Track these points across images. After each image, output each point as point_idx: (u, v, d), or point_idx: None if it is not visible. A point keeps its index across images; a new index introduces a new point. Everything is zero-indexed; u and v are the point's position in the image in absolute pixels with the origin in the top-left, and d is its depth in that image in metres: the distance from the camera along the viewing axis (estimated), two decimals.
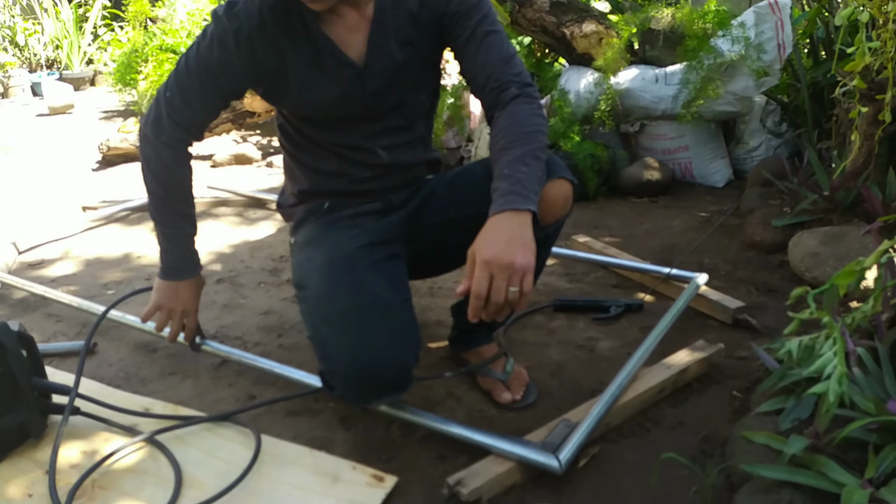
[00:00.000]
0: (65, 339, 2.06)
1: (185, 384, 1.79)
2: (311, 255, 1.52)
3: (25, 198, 3.77)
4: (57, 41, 8.41)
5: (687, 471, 1.36)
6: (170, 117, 1.48)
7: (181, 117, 1.48)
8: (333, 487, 1.37)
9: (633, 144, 3.49)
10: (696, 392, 1.67)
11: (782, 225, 2.47)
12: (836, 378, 1.10)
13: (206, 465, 1.44)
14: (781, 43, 3.12)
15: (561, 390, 1.70)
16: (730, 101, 3.18)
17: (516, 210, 1.24)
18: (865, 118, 2.23)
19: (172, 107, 1.47)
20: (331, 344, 1.38)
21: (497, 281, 1.19)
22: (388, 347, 1.35)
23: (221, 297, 2.32)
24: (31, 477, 1.43)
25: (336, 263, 1.46)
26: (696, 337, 1.81)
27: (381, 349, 1.35)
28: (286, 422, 1.61)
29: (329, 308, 1.41)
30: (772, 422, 1.35)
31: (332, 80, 1.47)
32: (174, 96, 1.47)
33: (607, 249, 2.47)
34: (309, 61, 1.45)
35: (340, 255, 1.48)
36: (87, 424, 1.57)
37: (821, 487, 1.14)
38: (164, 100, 1.48)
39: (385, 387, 1.39)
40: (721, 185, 3.31)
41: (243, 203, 3.41)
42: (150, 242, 2.92)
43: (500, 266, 1.19)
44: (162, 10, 5.70)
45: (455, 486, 1.30)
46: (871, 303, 1.21)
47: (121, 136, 4.39)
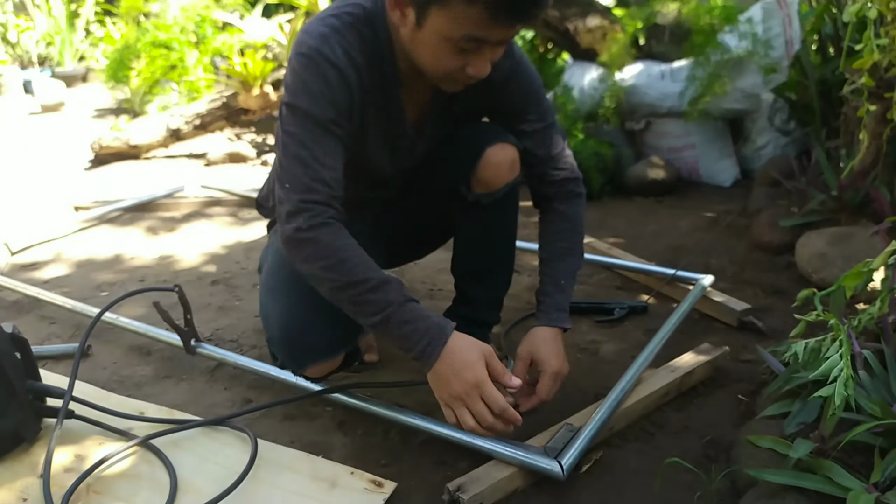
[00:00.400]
0: (59, 342, 2.05)
1: (180, 388, 1.78)
2: (273, 240, 1.58)
3: (17, 198, 3.75)
4: (49, 38, 8.38)
5: (691, 476, 1.33)
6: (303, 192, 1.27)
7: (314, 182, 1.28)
8: (331, 493, 1.35)
9: (639, 142, 3.47)
10: (701, 396, 1.65)
11: (790, 225, 2.44)
12: (842, 381, 1.09)
13: (202, 470, 1.43)
14: (789, 39, 3.09)
15: (563, 394, 1.67)
16: (737, 98, 3.15)
17: (564, 329, 1.52)
18: (874, 116, 2.20)
19: (299, 180, 1.27)
20: (269, 311, 1.46)
21: (555, 387, 1.47)
22: (322, 308, 1.38)
23: (216, 299, 2.31)
24: (24, 481, 1.41)
25: None
26: (701, 340, 1.78)
27: (313, 309, 1.39)
28: (283, 426, 1.59)
29: (274, 280, 1.48)
30: (777, 426, 1.33)
31: (387, 143, 1.45)
32: (295, 166, 1.28)
33: (612, 250, 2.45)
34: (377, 120, 1.40)
35: None
36: (81, 428, 1.55)
37: (826, 492, 1.12)
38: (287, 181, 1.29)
39: (316, 348, 1.45)
40: (728, 185, 3.29)
41: (238, 203, 3.40)
42: (142, 243, 2.92)
43: (563, 376, 1.48)
44: (155, 5, 5.71)
45: (455, 492, 1.28)
46: (878, 305, 1.19)
47: (113, 134, 4.37)
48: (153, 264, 2.67)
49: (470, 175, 1.54)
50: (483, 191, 1.56)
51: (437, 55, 1.24)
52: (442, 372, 1.29)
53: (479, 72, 1.27)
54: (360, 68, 1.29)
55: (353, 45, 1.28)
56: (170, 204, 3.37)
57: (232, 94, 4.28)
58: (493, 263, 1.68)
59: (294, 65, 1.27)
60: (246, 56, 4.09)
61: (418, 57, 1.28)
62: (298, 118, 1.27)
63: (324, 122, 1.27)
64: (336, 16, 1.29)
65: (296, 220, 1.27)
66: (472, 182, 1.56)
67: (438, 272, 2.39)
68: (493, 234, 1.64)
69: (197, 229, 3.07)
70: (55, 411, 1.51)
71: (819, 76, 3.19)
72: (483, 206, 1.58)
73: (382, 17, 1.30)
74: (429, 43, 1.23)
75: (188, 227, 3.11)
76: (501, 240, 1.66)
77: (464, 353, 1.29)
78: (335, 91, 1.27)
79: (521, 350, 1.48)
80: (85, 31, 8.40)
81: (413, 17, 1.22)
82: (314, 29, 1.28)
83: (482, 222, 1.62)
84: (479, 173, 1.53)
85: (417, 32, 1.23)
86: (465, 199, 1.58)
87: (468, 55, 1.24)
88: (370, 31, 1.30)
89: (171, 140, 4.39)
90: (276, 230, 1.60)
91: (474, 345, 1.32)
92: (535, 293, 1.58)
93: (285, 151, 1.29)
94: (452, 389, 1.29)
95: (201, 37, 5.51)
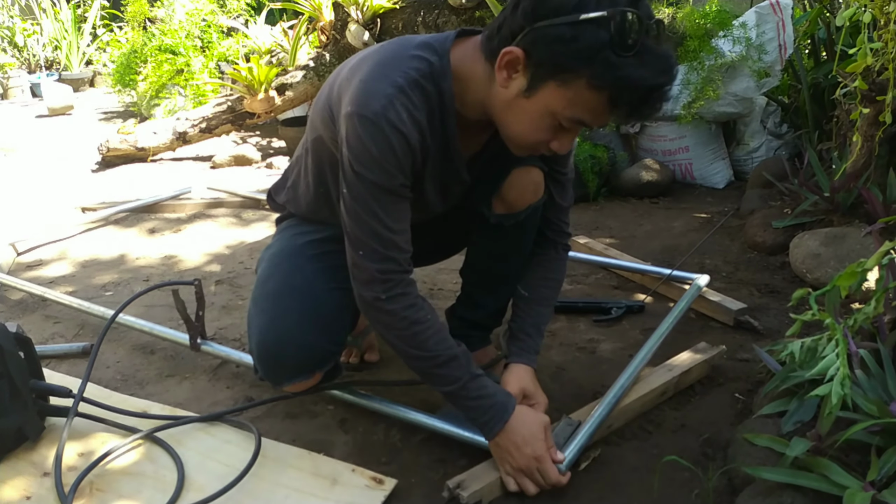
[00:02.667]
0: (63, 341, 2.05)
1: (183, 386, 1.78)
2: (272, 244, 1.58)
3: (24, 199, 3.76)
4: (56, 42, 8.40)
5: (689, 473, 1.35)
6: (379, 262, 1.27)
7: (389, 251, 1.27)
8: (332, 490, 1.36)
9: (634, 145, 3.49)
10: (698, 394, 1.66)
11: (783, 226, 2.46)
12: (838, 380, 1.10)
13: (205, 468, 1.44)
14: (783, 43, 3.12)
15: (562, 393, 1.69)
16: (730, 101, 3.17)
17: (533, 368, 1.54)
18: (866, 119, 2.22)
19: (374, 251, 1.26)
20: (251, 324, 1.46)
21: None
22: (296, 330, 1.41)
23: (220, 299, 2.32)
24: (28, 479, 1.42)
25: (286, 251, 1.52)
26: (697, 339, 1.80)
27: (287, 331, 1.41)
28: (285, 424, 1.60)
29: (259, 291, 1.48)
30: (774, 424, 1.35)
31: (442, 186, 1.42)
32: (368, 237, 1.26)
33: (608, 251, 2.47)
34: (434, 170, 1.35)
35: (293, 244, 1.53)
36: (85, 426, 1.56)
37: (823, 490, 1.13)
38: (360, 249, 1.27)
39: (286, 367, 1.45)
40: (721, 187, 3.31)
41: (242, 204, 3.40)
42: (147, 243, 2.92)
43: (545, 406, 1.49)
44: (160, 11, 5.71)
45: (455, 489, 1.29)
46: (872, 304, 1.20)
47: (120, 137, 4.39)
48: (158, 264, 2.68)
49: (493, 196, 1.52)
50: (505, 212, 1.52)
51: (534, 126, 1.20)
52: (504, 445, 1.33)
53: (562, 149, 1.25)
54: (423, 128, 1.24)
55: (418, 105, 1.22)
56: (175, 205, 3.37)
57: (237, 98, 4.28)
58: (505, 276, 1.66)
59: (358, 127, 1.20)
60: (251, 61, 4.10)
61: (508, 121, 1.24)
62: (366, 187, 1.23)
63: (391, 189, 1.24)
64: (402, 71, 1.22)
65: (373, 289, 1.28)
66: (495, 203, 1.52)
67: (439, 272, 2.40)
68: (510, 253, 1.62)
69: (201, 230, 3.07)
70: (58, 410, 1.52)
71: (811, 80, 3.22)
72: (504, 227, 1.54)
73: (448, 73, 1.25)
74: (530, 112, 1.18)
75: (193, 227, 3.12)
76: (517, 256, 1.63)
77: (524, 428, 1.33)
78: (400, 157, 1.22)
79: (513, 388, 1.46)
80: (92, 36, 8.39)
81: (523, 84, 1.16)
82: (379, 88, 1.20)
83: (501, 242, 1.59)
84: (503, 194, 1.50)
85: (521, 99, 1.18)
86: (486, 220, 1.55)
87: (560, 132, 1.21)
88: (434, 88, 1.24)
89: (178, 143, 4.40)
90: (285, 226, 1.60)
91: (535, 419, 1.36)
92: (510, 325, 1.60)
93: (356, 219, 1.26)
94: (515, 462, 1.32)
95: (207, 42, 5.52)
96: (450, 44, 1.27)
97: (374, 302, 1.29)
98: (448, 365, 1.31)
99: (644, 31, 1.07)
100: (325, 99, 1.35)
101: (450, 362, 1.31)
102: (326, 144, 1.37)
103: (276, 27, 4.86)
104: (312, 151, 1.45)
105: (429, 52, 1.25)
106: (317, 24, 4.39)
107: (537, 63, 1.13)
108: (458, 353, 1.33)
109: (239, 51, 5.28)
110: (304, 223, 1.57)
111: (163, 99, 5.15)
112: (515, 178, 1.48)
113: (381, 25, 4.03)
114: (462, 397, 1.33)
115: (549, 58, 1.11)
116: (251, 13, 5.98)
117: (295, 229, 1.57)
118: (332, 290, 1.45)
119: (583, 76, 1.10)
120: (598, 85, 1.10)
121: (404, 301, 1.29)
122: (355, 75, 1.25)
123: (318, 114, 1.37)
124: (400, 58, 1.25)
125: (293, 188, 1.57)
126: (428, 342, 1.30)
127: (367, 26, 4.02)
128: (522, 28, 1.13)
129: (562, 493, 1.34)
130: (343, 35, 4.17)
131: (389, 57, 1.26)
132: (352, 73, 1.28)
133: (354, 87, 1.22)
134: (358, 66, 1.28)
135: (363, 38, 3.97)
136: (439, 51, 1.25)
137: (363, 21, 4.02)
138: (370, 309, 1.31)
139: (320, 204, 1.49)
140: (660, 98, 1.13)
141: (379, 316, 1.31)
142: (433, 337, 1.31)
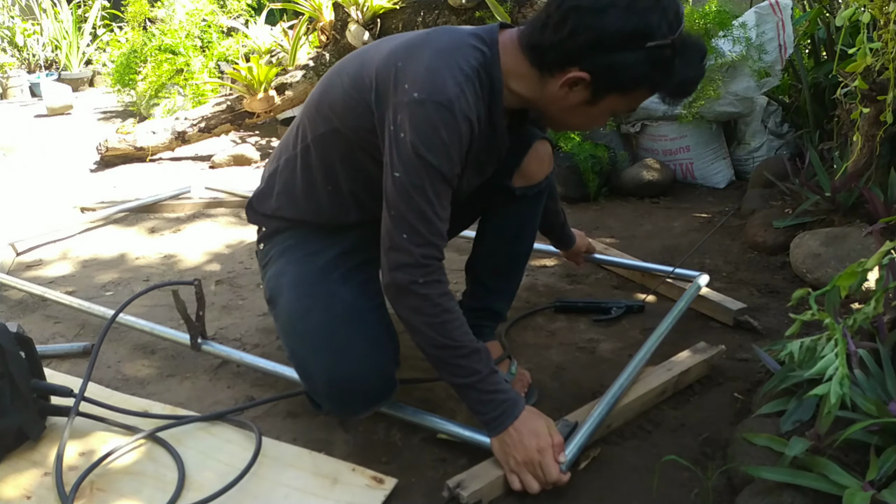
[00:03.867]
0: (63, 341, 2.05)
1: (184, 386, 1.79)
2: (283, 268, 1.52)
3: (24, 199, 3.76)
4: (56, 42, 8.40)
5: (688, 473, 1.35)
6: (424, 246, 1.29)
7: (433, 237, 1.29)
8: (333, 489, 1.37)
9: (634, 145, 3.49)
10: (698, 394, 1.67)
11: (784, 226, 2.46)
12: (837, 380, 1.10)
13: (206, 467, 1.44)
14: (783, 43, 3.12)
15: (562, 392, 1.69)
16: (731, 101, 3.17)
17: None
18: (867, 119, 2.23)
19: (421, 235, 1.28)
20: (309, 363, 1.42)
21: None
22: (365, 358, 1.40)
23: (220, 299, 2.32)
24: (29, 479, 1.42)
25: (307, 277, 1.48)
26: (697, 338, 1.80)
27: (358, 361, 1.39)
28: (285, 423, 1.60)
29: (303, 327, 1.43)
30: (773, 424, 1.35)
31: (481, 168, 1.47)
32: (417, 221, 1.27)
33: (608, 251, 2.46)
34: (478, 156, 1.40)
35: (312, 268, 1.49)
36: (85, 426, 1.56)
37: (822, 489, 1.13)
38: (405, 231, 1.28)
39: (368, 397, 1.43)
40: (722, 186, 3.31)
41: (241, 204, 3.39)
42: (147, 243, 2.92)
43: None
44: (161, 11, 5.70)
45: (455, 489, 1.29)
46: (872, 304, 1.20)
47: (119, 136, 4.38)
48: (158, 264, 2.68)
49: (515, 169, 1.61)
50: (525, 184, 1.64)
51: (593, 122, 1.38)
52: (510, 441, 1.33)
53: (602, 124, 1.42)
54: (482, 116, 1.30)
55: (478, 94, 1.28)
56: (174, 205, 3.37)
57: (237, 98, 4.28)
58: (518, 255, 1.75)
59: (432, 113, 1.21)
60: (251, 61, 4.10)
61: (568, 120, 1.38)
62: (428, 171, 1.24)
63: (449, 177, 1.28)
64: (466, 60, 1.27)
65: (412, 273, 1.29)
66: (515, 177, 1.63)
67: None
68: (526, 227, 1.71)
69: (201, 230, 3.07)
70: (59, 409, 1.52)
71: (812, 79, 3.22)
72: (526, 198, 1.66)
73: (498, 63, 1.31)
74: (592, 114, 1.33)
75: (192, 227, 3.12)
76: (530, 233, 1.74)
77: (529, 422, 1.35)
78: (464, 145, 1.27)
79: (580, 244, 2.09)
80: (92, 36, 8.39)
81: (585, 96, 1.28)
82: (448, 76, 1.23)
83: (520, 216, 1.69)
84: (525, 167, 1.62)
85: (583, 106, 1.30)
86: (508, 191, 1.64)
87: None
88: (487, 78, 1.30)
89: (177, 143, 4.40)
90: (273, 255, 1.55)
91: (540, 418, 1.38)
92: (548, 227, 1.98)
93: (408, 201, 1.26)
94: (519, 455, 1.32)
95: (207, 42, 5.52)
96: (496, 35, 1.33)
97: (409, 285, 1.29)
98: (471, 357, 1.33)
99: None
100: (348, 89, 1.36)
101: (472, 354, 1.33)
102: (344, 136, 1.38)
103: (276, 27, 4.86)
104: (317, 149, 1.44)
105: (480, 42, 1.32)
106: (317, 24, 4.40)
107: (603, 84, 1.25)
108: (481, 346, 1.35)
109: (239, 51, 5.28)
110: (304, 239, 1.54)
111: (162, 99, 5.15)
112: (536, 152, 1.62)
113: (381, 25, 4.03)
114: (478, 390, 1.34)
115: (618, 81, 1.25)
116: (251, 13, 5.98)
117: (301, 250, 1.53)
118: (375, 309, 1.47)
119: (646, 86, 1.27)
120: (657, 89, 1.28)
121: (440, 288, 1.31)
122: (409, 64, 1.27)
123: (331, 107, 1.39)
124: (460, 47, 1.30)
125: (286, 194, 1.53)
126: (455, 332, 1.32)
127: (367, 26, 4.02)
128: (584, 54, 1.22)
129: (562, 492, 1.34)
130: (343, 35, 4.17)
131: (449, 46, 1.30)
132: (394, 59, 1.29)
133: (420, 75, 1.24)
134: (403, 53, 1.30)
135: (363, 38, 3.97)
136: (488, 42, 1.32)
137: (363, 21, 4.02)
138: (402, 292, 1.31)
139: (328, 202, 1.49)
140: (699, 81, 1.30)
141: (412, 300, 1.31)
142: (460, 328, 1.33)
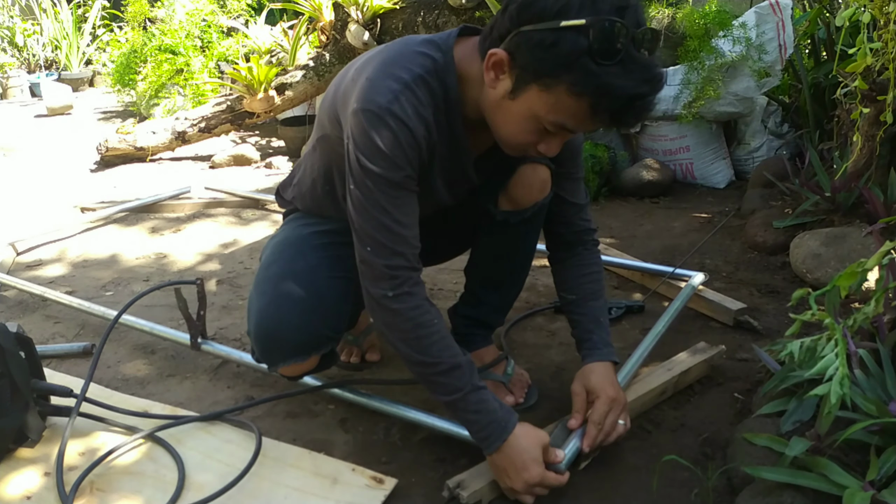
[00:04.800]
0: (63, 341, 2.05)
1: (184, 386, 1.79)
2: (276, 234, 1.59)
3: (24, 199, 3.76)
4: (56, 42, 8.38)
5: (688, 473, 1.35)
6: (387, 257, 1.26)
7: (397, 246, 1.26)
8: (333, 489, 1.37)
9: (634, 145, 3.49)
10: (698, 394, 1.67)
11: (784, 226, 2.46)
12: (837, 380, 1.10)
13: (206, 467, 1.44)
14: (783, 43, 3.12)
15: (562, 392, 1.69)
16: (731, 101, 3.17)
17: (615, 362, 1.51)
18: (867, 119, 2.23)
19: (382, 246, 1.26)
20: (252, 305, 1.46)
21: (612, 415, 1.41)
22: (295, 312, 1.41)
23: (220, 299, 2.32)
24: (29, 478, 1.42)
25: (290, 239, 1.53)
26: (697, 338, 1.80)
27: (287, 311, 1.41)
28: (285, 424, 1.61)
29: (262, 275, 1.49)
30: (773, 424, 1.35)
31: (450, 181, 1.42)
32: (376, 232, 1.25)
33: (608, 251, 2.46)
34: (442, 166, 1.36)
35: (299, 233, 1.53)
36: (85, 426, 1.56)
37: (822, 489, 1.13)
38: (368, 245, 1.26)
39: (287, 349, 1.44)
40: (722, 186, 3.31)
41: (241, 204, 3.40)
42: (147, 243, 2.92)
43: (619, 403, 1.42)
44: (161, 11, 5.70)
45: (455, 489, 1.30)
46: (872, 304, 1.20)
47: (119, 136, 4.37)
48: (157, 264, 2.68)
49: (499, 193, 1.53)
50: (511, 209, 1.54)
51: (519, 128, 1.22)
52: (501, 464, 1.30)
53: (550, 152, 1.25)
54: (429, 123, 1.25)
55: (423, 100, 1.24)
56: (174, 205, 3.37)
57: (237, 98, 4.28)
58: (511, 273, 1.68)
59: (364, 122, 1.21)
60: (251, 61, 4.10)
61: (496, 122, 1.25)
62: (373, 180, 1.22)
63: (398, 182, 1.24)
64: (407, 68, 1.24)
65: (381, 286, 1.27)
66: (501, 200, 1.54)
67: (439, 272, 2.40)
68: (516, 250, 1.63)
69: (201, 230, 3.07)
70: (59, 410, 1.52)
71: (812, 80, 3.22)
72: (510, 224, 1.56)
73: (452, 69, 1.26)
74: (515, 114, 1.20)
75: (192, 227, 3.12)
76: (523, 254, 1.65)
77: (522, 453, 1.29)
78: (406, 150, 1.22)
79: (575, 386, 1.47)
80: (91, 36, 8.38)
81: (508, 86, 1.18)
82: (384, 84, 1.22)
83: (507, 239, 1.60)
84: (510, 190, 1.51)
85: (506, 101, 1.19)
86: (492, 217, 1.57)
87: (546, 136, 1.22)
88: (439, 85, 1.26)
89: (177, 143, 4.40)
90: (291, 219, 1.61)
91: (534, 438, 1.32)
92: (571, 335, 1.59)
93: (363, 214, 1.25)
94: (514, 484, 1.30)
95: (207, 42, 5.51)
96: (453, 41, 1.28)
97: (380, 300, 1.28)
98: (450, 373, 1.28)
99: (629, 40, 1.07)
100: (332, 99, 1.36)
101: (452, 371, 1.28)
102: (332, 143, 1.38)
103: (276, 27, 4.86)
104: (319, 149, 1.46)
105: (432, 48, 1.27)
106: (317, 24, 4.39)
107: (521, 66, 1.14)
108: (462, 361, 1.30)
109: (239, 51, 5.27)
110: (311, 216, 1.58)
111: (162, 99, 5.15)
112: (522, 175, 1.50)
113: (381, 25, 4.03)
114: (461, 409, 1.30)
115: (531, 62, 1.12)
116: (251, 13, 5.98)
117: (301, 221, 1.58)
118: (334, 279, 1.46)
119: (563, 82, 1.10)
120: (577, 91, 1.10)
121: (410, 301, 1.28)
122: (361, 75, 1.27)
123: (324, 113, 1.39)
124: (404, 55, 1.26)
125: (299, 185, 1.59)
126: (432, 347, 1.28)
127: (367, 26, 4.02)
128: (509, 31, 1.14)
129: (562, 492, 1.34)
130: (343, 35, 4.17)
131: (394, 55, 1.27)
132: (358, 74, 1.29)
133: (360, 86, 1.24)
134: (364, 66, 1.29)
135: (363, 39, 3.97)
136: (443, 48, 1.27)
137: (363, 21, 4.02)
138: (376, 307, 1.29)
139: (326, 201, 1.51)
140: (643, 107, 1.13)
141: (384, 315, 1.29)
142: (438, 343, 1.29)
